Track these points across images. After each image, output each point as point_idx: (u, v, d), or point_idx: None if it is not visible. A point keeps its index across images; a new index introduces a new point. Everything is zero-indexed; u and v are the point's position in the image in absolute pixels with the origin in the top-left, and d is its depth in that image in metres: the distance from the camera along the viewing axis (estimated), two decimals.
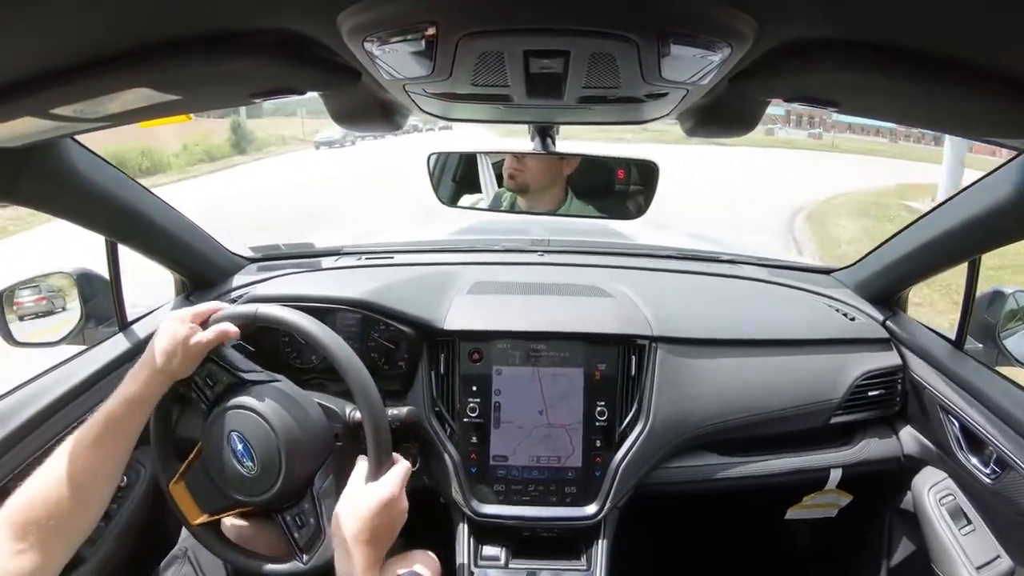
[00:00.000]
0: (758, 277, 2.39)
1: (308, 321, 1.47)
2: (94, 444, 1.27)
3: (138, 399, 1.35)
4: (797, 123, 50.58)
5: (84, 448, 1.26)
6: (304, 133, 41.32)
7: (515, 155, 1.69)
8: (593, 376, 1.86)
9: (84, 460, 1.24)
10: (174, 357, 1.39)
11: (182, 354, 1.39)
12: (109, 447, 1.29)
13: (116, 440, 1.31)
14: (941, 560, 1.86)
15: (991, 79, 0.83)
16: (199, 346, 1.42)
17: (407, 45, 0.83)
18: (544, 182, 1.69)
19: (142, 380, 1.37)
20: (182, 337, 1.40)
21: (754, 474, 1.95)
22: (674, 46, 0.81)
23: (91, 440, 1.27)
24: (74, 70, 0.89)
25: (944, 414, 1.86)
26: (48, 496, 1.18)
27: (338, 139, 36.69)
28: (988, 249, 1.71)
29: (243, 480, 1.44)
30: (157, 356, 1.38)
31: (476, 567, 1.83)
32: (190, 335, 1.42)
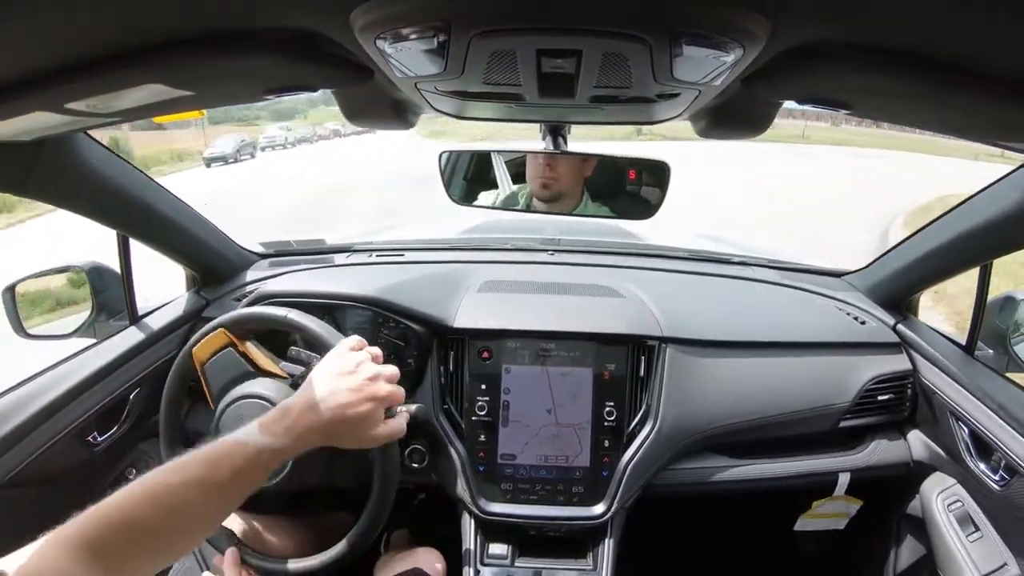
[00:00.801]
0: (769, 279, 2.38)
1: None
2: (213, 484, 1.09)
3: (282, 451, 1.18)
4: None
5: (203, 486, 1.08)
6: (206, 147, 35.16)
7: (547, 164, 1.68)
8: (602, 376, 1.86)
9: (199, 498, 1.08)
10: (348, 432, 1.26)
11: (358, 437, 1.28)
12: (231, 491, 1.13)
13: (241, 485, 1.14)
14: (948, 566, 1.85)
15: (1003, 83, 0.83)
16: (380, 438, 1.31)
17: (419, 43, 0.83)
18: (574, 187, 1.69)
19: (295, 436, 1.19)
20: (368, 417, 1.27)
21: (762, 477, 1.94)
22: (686, 46, 0.81)
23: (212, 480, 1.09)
24: (88, 65, 0.89)
25: (954, 420, 1.85)
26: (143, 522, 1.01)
27: (231, 153, 32.53)
28: (1000, 254, 1.70)
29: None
30: (330, 420, 1.23)
31: (482, 565, 1.83)
32: (376, 419, 1.29)
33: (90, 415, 1.79)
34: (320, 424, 1.19)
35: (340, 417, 1.22)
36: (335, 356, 1.30)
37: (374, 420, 1.27)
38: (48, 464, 1.69)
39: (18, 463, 1.61)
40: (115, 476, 1.95)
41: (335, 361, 1.29)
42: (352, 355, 1.30)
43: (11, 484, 1.60)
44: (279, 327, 1.56)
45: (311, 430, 1.18)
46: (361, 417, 1.24)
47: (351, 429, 1.24)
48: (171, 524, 1.03)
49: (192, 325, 2.12)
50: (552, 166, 1.66)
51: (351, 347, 1.33)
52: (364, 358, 1.31)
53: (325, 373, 1.27)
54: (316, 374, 1.27)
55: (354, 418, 1.23)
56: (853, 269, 2.40)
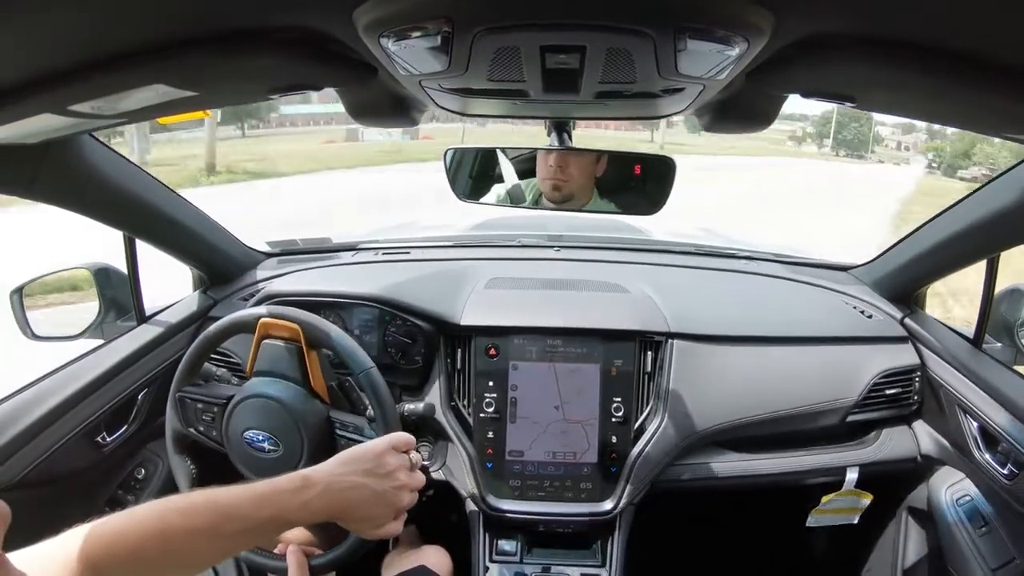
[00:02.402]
0: (775, 274, 2.37)
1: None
2: (221, 537, 1.08)
3: (291, 523, 1.15)
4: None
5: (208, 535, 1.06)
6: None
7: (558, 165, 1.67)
8: (609, 372, 1.86)
9: (204, 547, 1.07)
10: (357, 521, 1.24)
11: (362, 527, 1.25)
12: (236, 544, 1.13)
13: (246, 542, 1.14)
14: (956, 561, 1.85)
15: (1010, 75, 0.83)
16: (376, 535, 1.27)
17: (423, 41, 0.83)
18: (585, 187, 1.68)
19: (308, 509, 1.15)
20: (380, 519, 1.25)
21: (770, 472, 1.94)
22: (691, 41, 0.81)
23: (218, 532, 1.07)
24: (92, 67, 0.90)
25: (962, 413, 1.84)
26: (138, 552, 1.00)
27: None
28: (1008, 247, 1.69)
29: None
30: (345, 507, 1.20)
31: (491, 562, 1.84)
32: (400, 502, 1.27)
33: (99, 415, 1.80)
34: (333, 509, 1.18)
35: (353, 508, 1.20)
36: (376, 451, 1.27)
37: (382, 522, 1.25)
38: (57, 465, 1.69)
39: (28, 464, 1.61)
40: (124, 476, 1.95)
41: (374, 456, 1.26)
42: (392, 457, 1.27)
43: (21, 485, 1.61)
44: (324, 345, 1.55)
45: (322, 511, 1.17)
46: (371, 517, 1.23)
47: (359, 522, 1.23)
48: (174, 565, 1.04)
49: (199, 325, 2.12)
50: (563, 167, 1.64)
51: (395, 445, 1.30)
52: (402, 464, 1.28)
53: (358, 460, 1.24)
54: (350, 456, 1.25)
55: (365, 515, 1.22)
56: (859, 263, 2.39)
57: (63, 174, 1.47)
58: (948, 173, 39.99)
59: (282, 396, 1.49)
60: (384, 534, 1.25)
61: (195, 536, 1.04)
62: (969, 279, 1.96)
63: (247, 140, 27.44)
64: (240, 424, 1.51)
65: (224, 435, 1.54)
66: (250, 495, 1.11)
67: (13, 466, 1.59)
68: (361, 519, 1.22)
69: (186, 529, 1.04)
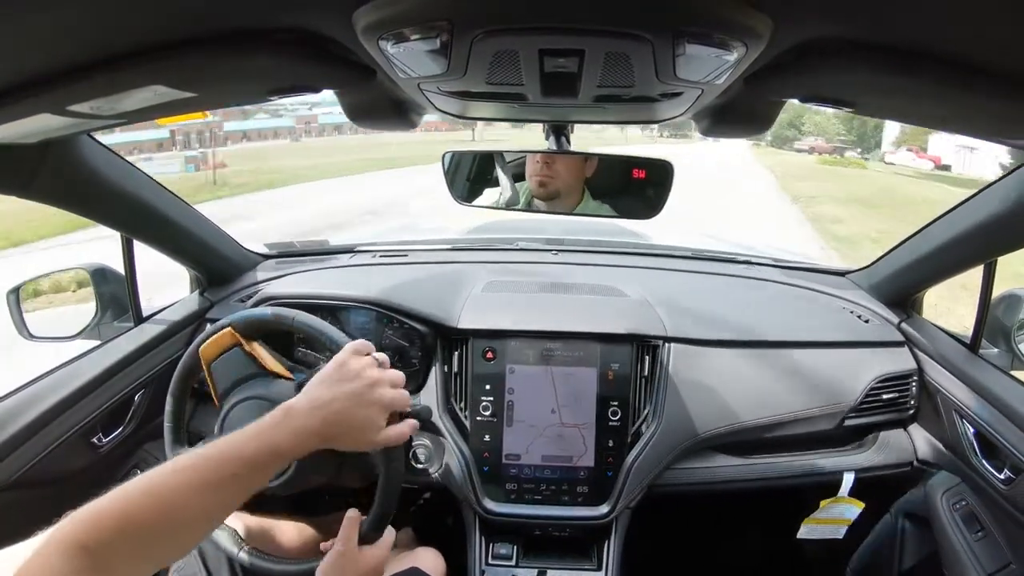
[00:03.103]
0: (773, 278, 2.38)
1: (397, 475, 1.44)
2: (213, 486, 1.08)
3: (283, 454, 1.16)
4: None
5: (202, 487, 1.07)
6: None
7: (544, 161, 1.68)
8: (606, 376, 1.86)
9: (197, 499, 1.06)
10: (349, 435, 1.23)
11: (358, 441, 1.25)
12: (232, 492, 1.11)
13: (242, 486, 1.12)
14: (953, 565, 1.85)
15: (1007, 80, 0.83)
16: (381, 442, 1.27)
17: (422, 43, 0.83)
18: (572, 186, 1.69)
19: (301, 436, 1.17)
20: (370, 422, 1.24)
21: (766, 476, 1.94)
22: (689, 45, 0.81)
23: (210, 481, 1.08)
24: (91, 67, 0.90)
25: (959, 418, 1.84)
26: (139, 521, 0.99)
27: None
28: (1005, 252, 1.69)
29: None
30: (334, 421, 1.21)
31: (487, 565, 1.84)
32: (378, 425, 1.26)
33: (95, 416, 1.79)
34: (319, 428, 1.18)
35: (339, 421, 1.20)
36: (338, 360, 1.28)
37: (375, 426, 1.24)
38: (53, 465, 1.69)
39: (23, 464, 1.61)
40: (120, 477, 1.95)
41: (338, 365, 1.27)
42: (356, 360, 1.28)
43: (16, 485, 1.60)
44: (287, 328, 1.55)
45: (311, 434, 1.17)
46: (360, 423, 1.23)
47: (350, 433, 1.22)
48: (169, 525, 1.02)
49: (197, 326, 2.12)
50: (549, 163, 1.65)
51: (355, 351, 1.30)
52: (367, 363, 1.28)
53: (327, 377, 1.25)
54: (318, 378, 1.26)
55: (353, 423, 1.22)
56: (857, 268, 2.39)
57: (61, 174, 1.47)
58: (777, 145, 40.30)
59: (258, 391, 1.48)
60: (385, 439, 1.25)
61: (188, 491, 1.04)
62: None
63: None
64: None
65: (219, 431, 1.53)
66: (237, 437, 1.12)
67: (8, 467, 1.59)
68: (353, 429, 1.22)
69: (177, 485, 1.04)
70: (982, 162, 33.94)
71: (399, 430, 1.28)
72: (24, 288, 1.94)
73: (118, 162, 1.65)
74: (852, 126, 44.04)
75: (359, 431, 1.22)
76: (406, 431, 1.29)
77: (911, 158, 40.18)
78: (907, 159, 40.23)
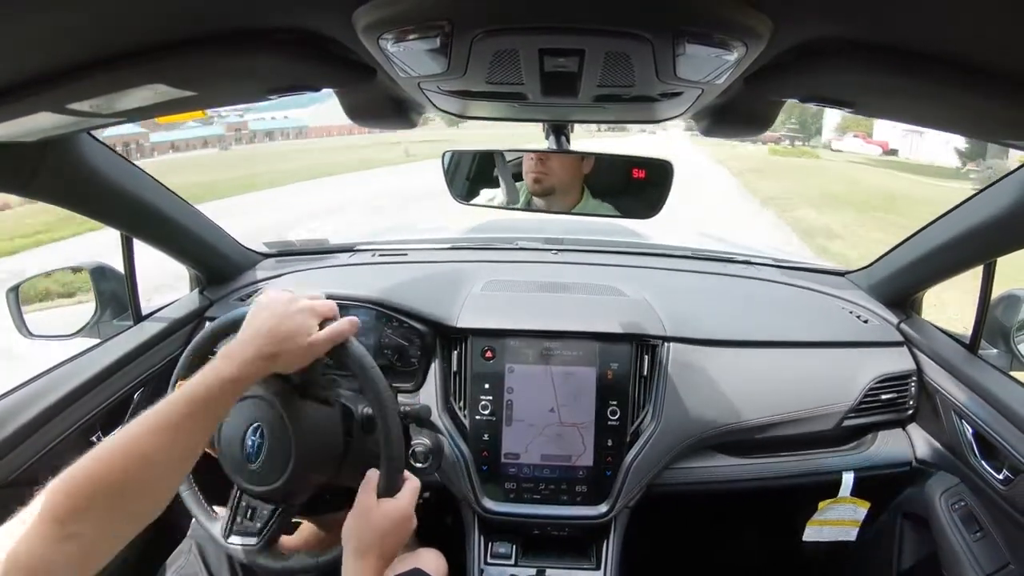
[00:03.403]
0: (772, 278, 2.38)
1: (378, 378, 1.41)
2: (173, 426, 1.13)
3: (231, 381, 1.19)
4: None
5: (161, 429, 1.12)
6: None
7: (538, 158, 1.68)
8: (605, 375, 1.86)
9: (159, 442, 1.10)
10: (287, 347, 1.26)
11: (297, 348, 1.27)
12: (190, 430, 1.15)
13: (199, 423, 1.16)
14: (952, 566, 1.85)
15: (1007, 81, 0.83)
16: (318, 344, 1.30)
17: (422, 43, 0.83)
18: (567, 183, 1.69)
19: (241, 361, 1.21)
20: (301, 328, 1.28)
21: (765, 476, 1.95)
22: (689, 45, 0.81)
23: (169, 421, 1.13)
24: (91, 66, 0.90)
25: (958, 419, 1.84)
26: (108, 479, 1.06)
27: None
28: (1004, 252, 1.69)
29: (239, 466, 1.42)
30: (267, 340, 1.24)
31: (486, 564, 1.84)
32: (310, 329, 1.30)
33: (94, 415, 1.79)
34: (258, 351, 1.22)
35: (273, 339, 1.24)
36: (256, 301, 1.33)
37: (307, 330, 1.29)
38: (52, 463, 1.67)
39: (22, 463, 1.61)
40: None
41: (255, 303, 1.32)
42: (283, 294, 1.33)
43: (15, 483, 1.60)
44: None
45: (252, 359, 1.21)
46: (292, 331, 1.27)
47: (286, 346, 1.25)
48: (138, 475, 1.07)
49: (196, 324, 2.12)
50: (543, 160, 1.66)
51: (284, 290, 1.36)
52: (278, 291, 1.34)
53: (251, 314, 1.30)
54: (251, 309, 1.31)
55: (286, 334, 1.26)
56: (856, 268, 2.39)
57: (61, 173, 1.47)
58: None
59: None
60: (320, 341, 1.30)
61: (151, 437, 1.10)
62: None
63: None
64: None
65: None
66: (187, 384, 1.17)
67: (8, 464, 1.59)
68: (288, 340, 1.26)
69: (140, 433, 1.10)
70: (930, 147, 34.06)
71: (334, 327, 1.32)
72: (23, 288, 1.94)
73: (118, 161, 1.65)
74: (792, 112, 43.61)
75: (293, 340, 1.26)
76: (345, 327, 1.34)
77: (859, 144, 40.22)
78: (855, 145, 40.30)
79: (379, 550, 1.27)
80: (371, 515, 1.30)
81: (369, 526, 1.29)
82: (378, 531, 1.28)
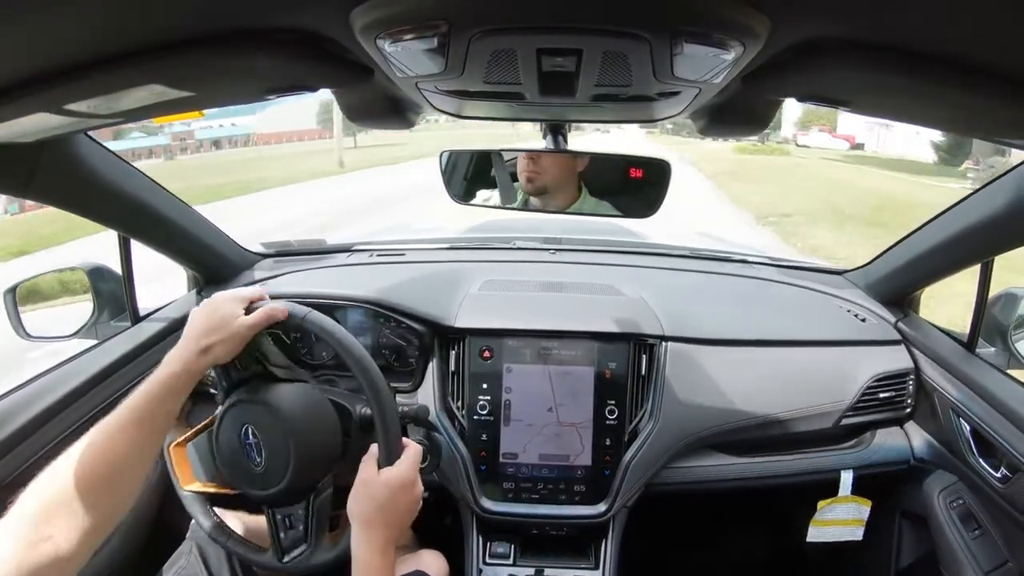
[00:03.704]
0: (769, 277, 2.38)
1: (349, 339, 1.41)
2: (126, 428, 1.21)
3: (175, 380, 1.28)
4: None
5: (116, 432, 1.20)
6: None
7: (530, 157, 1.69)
8: (603, 375, 1.86)
9: (115, 445, 1.19)
10: (217, 337, 1.34)
11: (227, 335, 1.35)
12: (142, 430, 1.23)
13: (150, 423, 1.24)
14: (950, 564, 1.85)
15: (1004, 79, 0.83)
16: (244, 328, 1.36)
17: (420, 43, 0.83)
18: (561, 181, 1.69)
19: (182, 360, 1.30)
20: (228, 317, 1.36)
21: (764, 475, 1.95)
22: (687, 45, 0.81)
23: (123, 424, 1.21)
24: (88, 66, 0.90)
25: (955, 417, 1.85)
26: (73, 483, 1.12)
27: None
28: (1002, 251, 1.69)
29: (246, 473, 1.42)
30: (199, 335, 1.33)
31: (485, 564, 1.85)
32: (236, 315, 1.37)
33: (92, 416, 1.79)
34: (196, 345, 1.32)
35: (205, 331, 1.34)
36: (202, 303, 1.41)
37: (235, 315, 1.37)
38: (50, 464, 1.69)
39: (19, 465, 1.60)
40: None
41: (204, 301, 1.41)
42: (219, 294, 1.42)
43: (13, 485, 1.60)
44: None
45: (189, 354, 1.31)
46: (221, 322, 1.35)
47: (216, 333, 1.34)
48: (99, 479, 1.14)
49: None
50: (535, 159, 1.67)
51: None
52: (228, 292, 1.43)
53: (195, 309, 1.39)
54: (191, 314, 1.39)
55: (219, 325, 1.35)
56: (853, 267, 2.40)
57: (58, 173, 1.47)
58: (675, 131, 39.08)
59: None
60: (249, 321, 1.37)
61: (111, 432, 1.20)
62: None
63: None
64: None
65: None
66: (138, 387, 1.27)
67: (6, 466, 1.58)
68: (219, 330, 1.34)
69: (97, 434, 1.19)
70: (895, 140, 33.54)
71: (262, 311, 1.39)
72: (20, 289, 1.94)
73: (115, 161, 1.65)
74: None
75: (225, 328, 1.35)
76: (272, 311, 1.40)
77: (827, 139, 39.31)
78: (823, 140, 39.36)
79: (383, 518, 1.28)
80: (372, 486, 1.30)
81: (370, 496, 1.29)
82: (379, 500, 1.28)
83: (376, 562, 1.25)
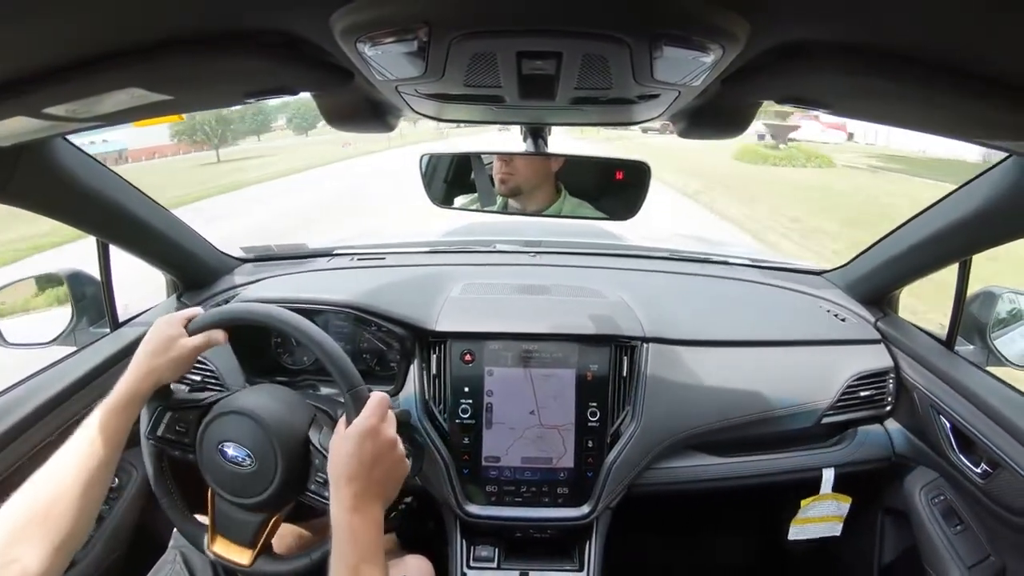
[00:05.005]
0: (750, 278, 2.39)
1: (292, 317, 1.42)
2: (83, 448, 1.28)
3: (126, 399, 1.37)
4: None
5: (74, 453, 1.27)
6: None
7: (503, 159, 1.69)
8: (585, 377, 1.86)
9: (75, 465, 1.25)
10: (161, 359, 1.42)
11: (168, 358, 1.43)
12: (99, 450, 1.29)
13: (105, 442, 1.30)
14: (933, 559, 1.87)
15: (980, 81, 0.84)
16: (187, 350, 1.45)
17: (400, 46, 0.83)
18: (535, 182, 1.69)
19: (131, 380, 1.39)
20: (168, 340, 1.44)
21: (746, 474, 1.95)
22: (666, 47, 0.81)
23: (80, 444, 1.29)
24: (67, 69, 0.89)
25: (935, 414, 1.86)
26: (37, 504, 1.18)
27: None
28: (980, 250, 1.71)
29: (245, 481, 1.41)
30: (145, 357, 1.41)
31: (469, 568, 1.84)
32: (178, 337, 1.45)
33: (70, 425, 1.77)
34: (142, 371, 1.41)
35: (149, 355, 1.42)
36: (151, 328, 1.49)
37: (173, 339, 1.45)
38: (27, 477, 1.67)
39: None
40: None
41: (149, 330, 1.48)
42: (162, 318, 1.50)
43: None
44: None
45: (137, 379, 1.40)
46: (162, 345, 1.44)
47: (159, 357, 1.43)
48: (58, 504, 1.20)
49: None
50: (507, 161, 1.67)
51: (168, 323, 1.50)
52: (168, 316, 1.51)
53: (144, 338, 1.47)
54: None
55: (161, 350, 1.43)
56: (832, 267, 2.41)
57: (36, 178, 1.45)
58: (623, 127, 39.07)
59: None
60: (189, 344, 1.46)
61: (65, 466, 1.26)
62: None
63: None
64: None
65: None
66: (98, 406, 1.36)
67: None
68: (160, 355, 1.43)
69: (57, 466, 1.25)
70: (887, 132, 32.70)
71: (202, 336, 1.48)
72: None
73: (94, 166, 1.64)
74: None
75: (165, 351, 1.44)
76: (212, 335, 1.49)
77: (819, 129, 38.56)
78: (814, 132, 38.42)
79: (348, 472, 1.23)
80: (336, 443, 1.28)
81: (336, 454, 1.26)
82: (343, 455, 1.24)
83: (345, 519, 1.20)
